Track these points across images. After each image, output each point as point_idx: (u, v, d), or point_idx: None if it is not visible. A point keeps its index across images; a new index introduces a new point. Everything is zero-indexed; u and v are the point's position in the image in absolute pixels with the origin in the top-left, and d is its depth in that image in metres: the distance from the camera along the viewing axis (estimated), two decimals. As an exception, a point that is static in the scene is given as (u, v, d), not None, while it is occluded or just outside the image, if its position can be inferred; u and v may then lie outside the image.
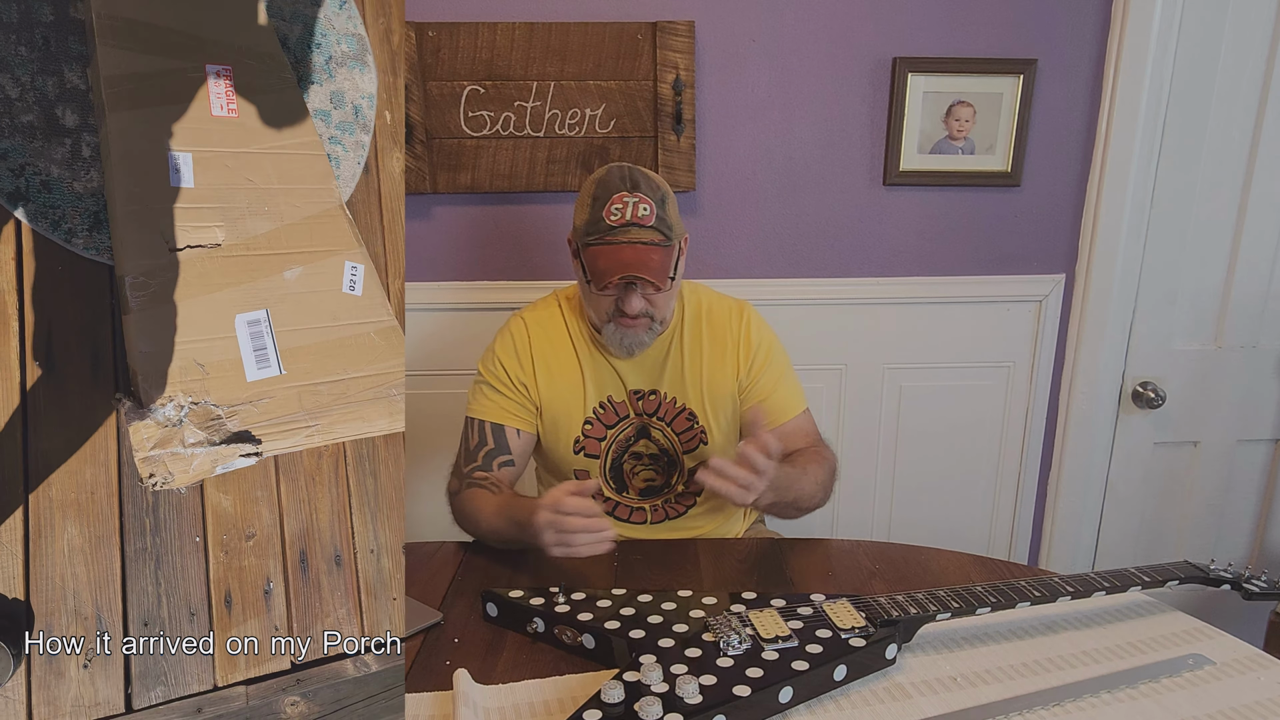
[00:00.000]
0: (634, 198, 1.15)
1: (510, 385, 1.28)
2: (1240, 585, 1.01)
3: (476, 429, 1.28)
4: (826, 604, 0.94)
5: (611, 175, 1.18)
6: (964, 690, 0.86)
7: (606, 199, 1.16)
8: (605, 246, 1.15)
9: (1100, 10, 1.59)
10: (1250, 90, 1.64)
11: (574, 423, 1.29)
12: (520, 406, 1.28)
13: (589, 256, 1.17)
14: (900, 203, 1.68)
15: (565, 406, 1.29)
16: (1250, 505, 1.93)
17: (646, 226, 1.15)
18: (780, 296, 1.68)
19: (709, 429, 1.29)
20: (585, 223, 1.17)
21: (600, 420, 1.29)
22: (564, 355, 1.29)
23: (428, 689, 0.88)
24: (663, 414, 1.30)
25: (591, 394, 1.29)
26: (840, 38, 1.58)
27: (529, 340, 1.29)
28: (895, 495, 1.86)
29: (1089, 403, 1.80)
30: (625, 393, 1.29)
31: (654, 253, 1.15)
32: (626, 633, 0.90)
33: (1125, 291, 1.74)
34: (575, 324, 1.31)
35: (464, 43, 1.52)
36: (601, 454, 1.30)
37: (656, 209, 1.16)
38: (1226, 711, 0.82)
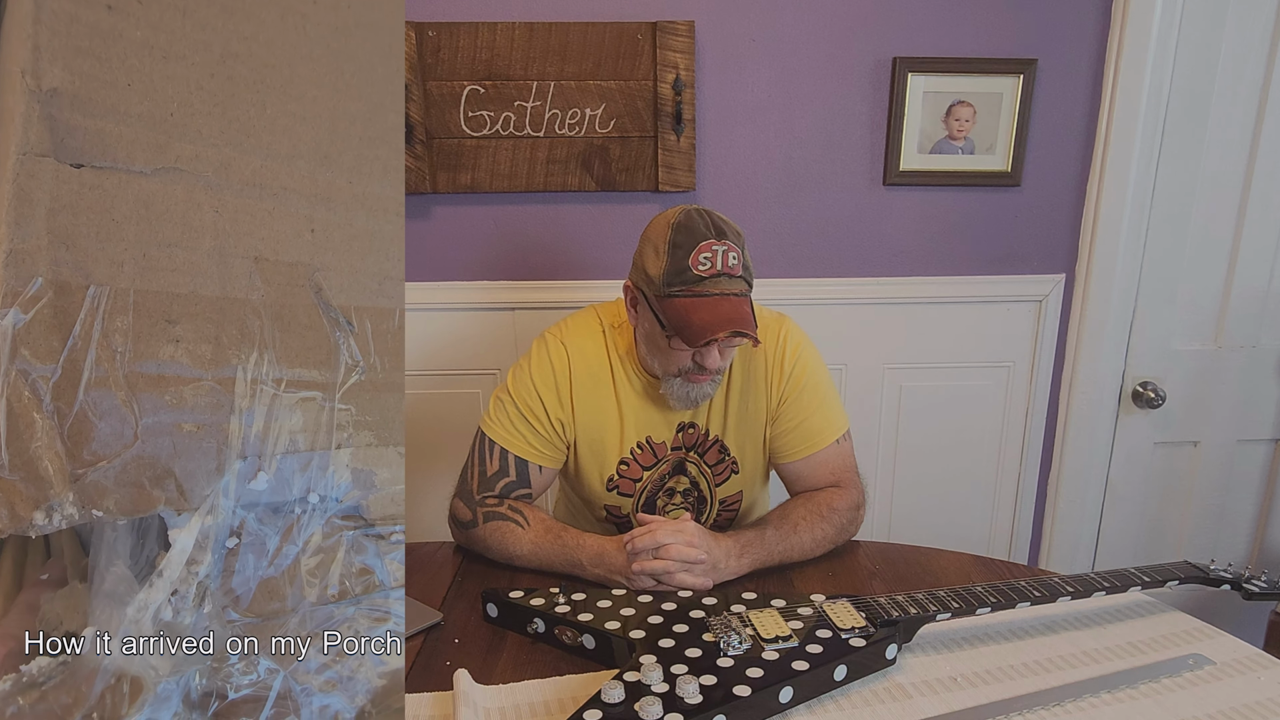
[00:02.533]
0: (722, 246, 1.06)
1: (545, 422, 1.19)
2: (1240, 585, 1.01)
3: (498, 456, 1.19)
4: (826, 604, 0.94)
5: (693, 221, 1.08)
6: (964, 690, 0.86)
7: (691, 247, 1.06)
8: (698, 300, 1.06)
9: (1100, 10, 1.59)
10: (1250, 90, 1.64)
11: (609, 461, 1.23)
12: (549, 444, 1.21)
13: (676, 309, 1.07)
14: (900, 203, 1.68)
15: (600, 445, 1.23)
16: (1250, 505, 1.93)
17: (736, 276, 1.07)
18: (780, 296, 1.68)
19: (739, 460, 1.25)
20: (666, 272, 1.07)
21: (637, 460, 1.24)
22: (604, 391, 1.22)
23: (428, 689, 0.88)
24: (700, 448, 1.25)
25: (630, 434, 1.22)
26: (840, 38, 1.58)
27: (570, 373, 1.20)
28: (895, 495, 1.86)
29: (1089, 403, 1.80)
30: (669, 430, 1.23)
31: (745, 305, 1.08)
32: (627, 633, 0.90)
33: (1125, 291, 1.74)
34: (620, 359, 1.22)
35: (464, 43, 1.52)
36: (636, 493, 1.26)
37: (742, 257, 1.08)
38: (1226, 711, 0.82)
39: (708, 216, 1.08)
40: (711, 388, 1.16)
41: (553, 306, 1.66)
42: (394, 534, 0.43)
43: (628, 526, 1.26)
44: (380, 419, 0.41)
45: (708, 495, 1.28)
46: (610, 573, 1.07)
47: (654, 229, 1.11)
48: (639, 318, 1.16)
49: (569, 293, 1.66)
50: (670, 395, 1.16)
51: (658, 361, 1.16)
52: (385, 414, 0.41)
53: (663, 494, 1.28)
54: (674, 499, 1.28)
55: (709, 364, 1.10)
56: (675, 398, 1.16)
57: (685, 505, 1.28)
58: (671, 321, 1.08)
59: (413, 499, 1.71)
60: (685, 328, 1.06)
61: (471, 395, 1.74)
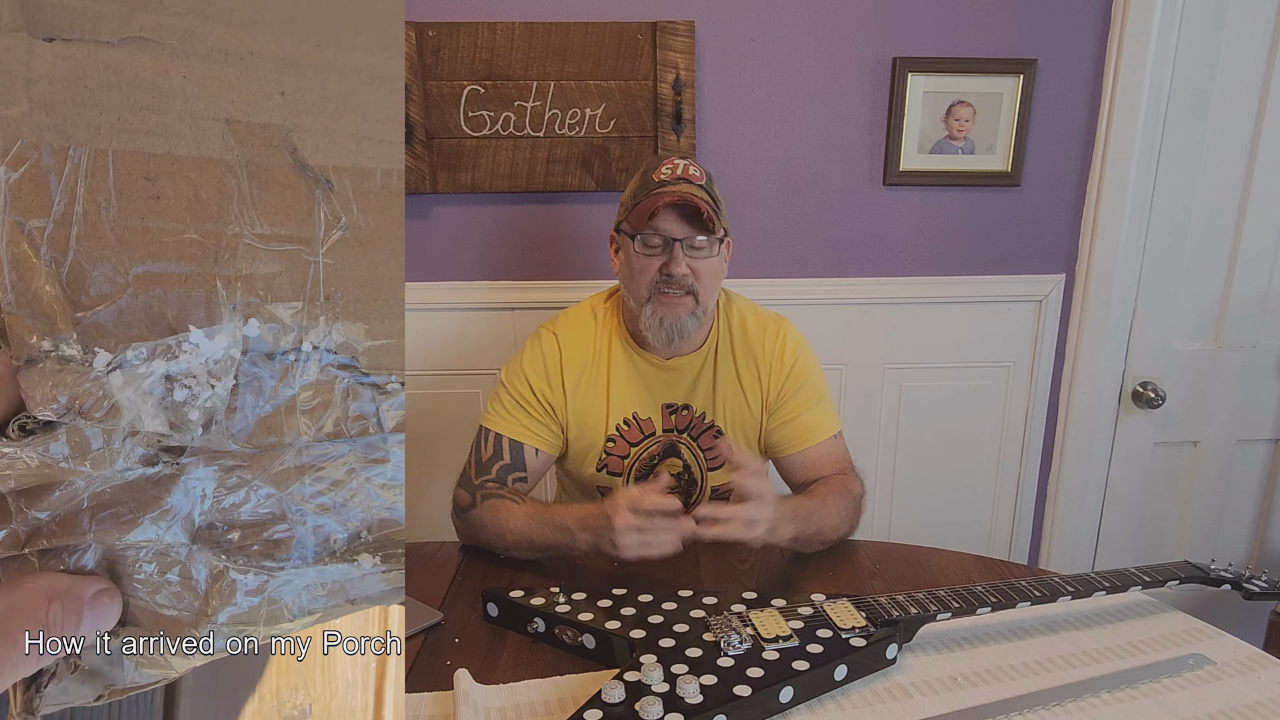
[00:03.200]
0: (684, 161, 1.17)
1: (536, 404, 1.23)
2: (1240, 585, 1.01)
3: (492, 442, 1.23)
4: (827, 604, 0.94)
5: (661, 155, 1.19)
6: (964, 690, 0.86)
7: (656, 165, 1.17)
8: (657, 195, 1.13)
9: (1100, 10, 1.59)
10: (1250, 90, 1.64)
11: (598, 439, 1.26)
12: (543, 426, 1.24)
13: (637, 213, 1.15)
14: (900, 203, 1.68)
15: (590, 427, 1.25)
16: (1250, 505, 1.93)
17: (698, 185, 1.15)
18: (780, 296, 1.68)
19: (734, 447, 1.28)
20: (634, 190, 1.18)
21: (624, 437, 1.26)
22: (593, 374, 1.25)
23: (428, 689, 0.88)
24: (693, 430, 1.27)
25: (616, 410, 1.25)
26: (840, 38, 1.58)
27: (560, 357, 1.24)
28: (895, 495, 1.86)
29: (1089, 403, 1.80)
30: (654, 408, 1.26)
31: (703, 205, 1.13)
32: (627, 633, 0.90)
33: (1125, 291, 1.75)
34: (608, 330, 1.27)
35: (464, 42, 1.52)
36: (625, 472, 1.27)
37: (706, 179, 1.17)
38: (1226, 711, 0.82)
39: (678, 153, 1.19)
40: (690, 320, 1.17)
41: (553, 306, 1.66)
42: (390, 384, 0.44)
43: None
44: (369, 274, 0.42)
45: (699, 479, 1.29)
46: (598, 536, 1.06)
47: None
48: (619, 255, 1.22)
49: (569, 293, 1.66)
50: (647, 329, 1.18)
51: (632, 288, 1.19)
52: (374, 269, 0.42)
53: (652, 476, 1.28)
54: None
55: (674, 269, 1.13)
56: (651, 328, 1.18)
57: (677, 491, 1.29)
58: (632, 224, 1.16)
59: (413, 499, 1.70)
60: (638, 220, 1.14)
61: (471, 395, 1.74)
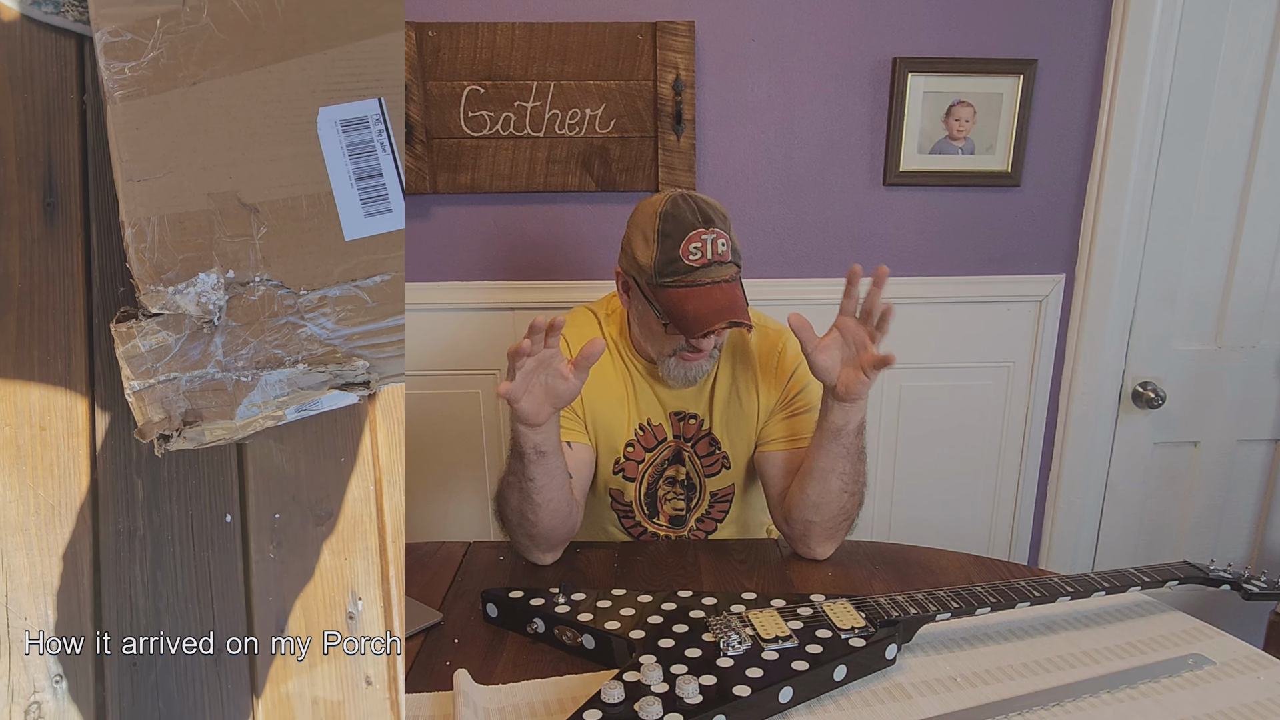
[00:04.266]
0: (711, 234, 1.08)
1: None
2: (1240, 585, 1.01)
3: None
4: (826, 604, 0.94)
5: (679, 209, 1.09)
6: (964, 690, 0.86)
7: (680, 237, 1.08)
8: (691, 290, 1.08)
9: (1100, 10, 1.59)
10: (1250, 90, 1.64)
11: (617, 442, 1.25)
12: (570, 419, 1.21)
13: (669, 299, 1.09)
14: (900, 203, 1.68)
15: (610, 425, 1.24)
16: (1250, 505, 1.93)
17: (726, 263, 1.09)
18: (780, 296, 1.68)
19: (731, 455, 1.27)
20: (657, 262, 1.09)
21: (640, 443, 1.26)
22: (608, 373, 1.24)
23: (428, 689, 0.88)
24: (694, 439, 1.27)
25: (633, 416, 1.25)
26: (840, 38, 1.58)
27: (571, 356, 1.23)
28: (895, 495, 1.86)
29: (1089, 403, 1.80)
30: (664, 415, 1.26)
31: (737, 289, 1.11)
32: (626, 633, 0.90)
33: (1125, 291, 1.74)
34: (616, 341, 1.26)
35: (464, 43, 1.52)
36: (638, 476, 1.27)
37: (730, 240, 1.10)
38: (1226, 711, 0.82)
39: (694, 202, 1.11)
40: (708, 364, 1.19)
41: (552, 306, 1.66)
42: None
43: (630, 512, 1.30)
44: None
45: (698, 485, 1.30)
46: (514, 425, 1.02)
47: (642, 216, 1.13)
48: (632, 302, 1.19)
49: (569, 293, 1.66)
50: (668, 375, 1.19)
51: (652, 344, 1.19)
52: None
53: (663, 482, 1.30)
54: (674, 487, 1.30)
55: (704, 346, 1.14)
56: (673, 377, 1.19)
57: (682, 497, 1.30)
58: (667, 311, 1.11)
59: (413, 499, 1.70)
60: (681, 318, 1.09)
61: (471, 395, 1.74)
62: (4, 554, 0.56)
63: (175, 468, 0.60)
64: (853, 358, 1.10)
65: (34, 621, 0.56)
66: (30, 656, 0.56)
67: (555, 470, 1.07)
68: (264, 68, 0.52)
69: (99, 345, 0.57)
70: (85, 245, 0.57)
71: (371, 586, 0.63)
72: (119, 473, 0.59)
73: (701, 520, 1.32)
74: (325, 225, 0.53)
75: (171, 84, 0.50)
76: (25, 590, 0.56)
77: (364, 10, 0.54)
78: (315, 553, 0.62)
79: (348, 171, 0.54)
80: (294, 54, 0.52)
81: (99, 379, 0.58)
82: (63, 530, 0.57)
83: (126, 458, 0.59)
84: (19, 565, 0.56)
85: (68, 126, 0.56)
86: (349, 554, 0.62)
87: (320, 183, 0.53)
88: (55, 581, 0.57)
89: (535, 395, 1.00)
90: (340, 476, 0.62)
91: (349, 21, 0.54)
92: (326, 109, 0.52)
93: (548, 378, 1.00)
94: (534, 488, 1.06)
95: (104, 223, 0.57)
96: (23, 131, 0.55)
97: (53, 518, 0.57)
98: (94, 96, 0.56)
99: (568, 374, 1.00)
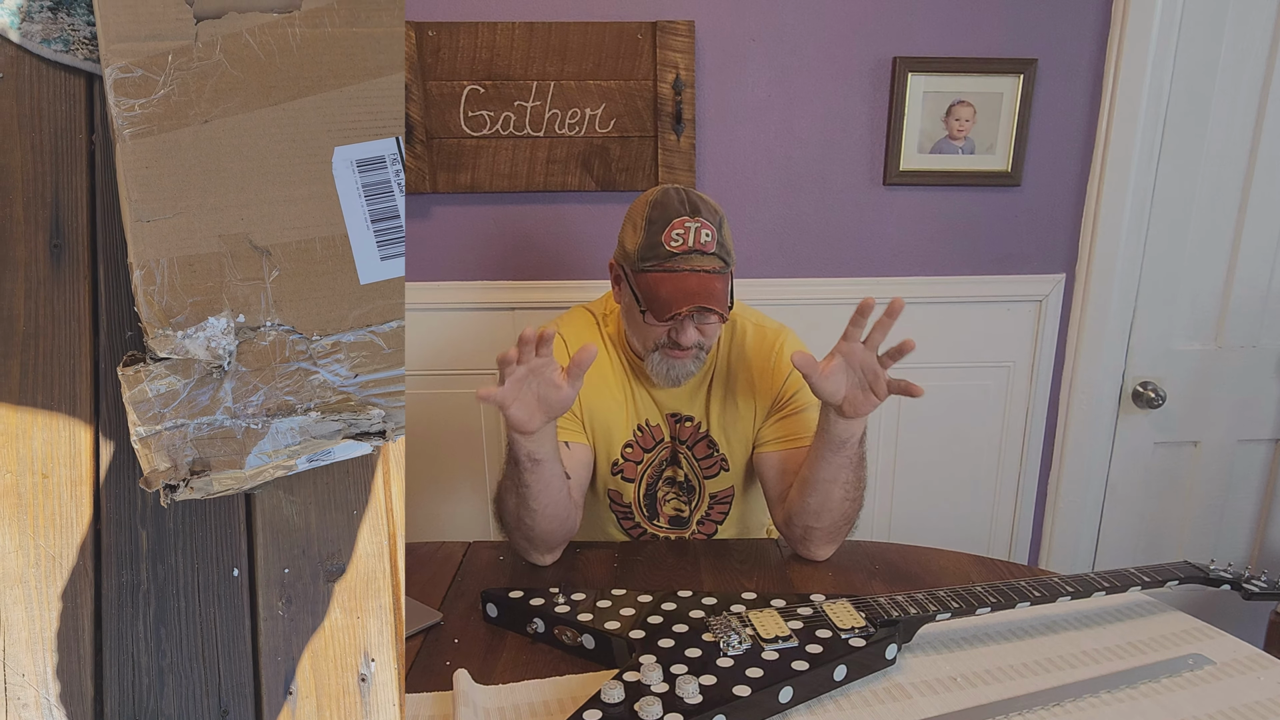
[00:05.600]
0: (695, 223, 1.08)
1: None
2: (1240, 585, 1.01)
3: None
4: (826, 604, 0.94)
5: (669, 198, 1.10)
6: (964, 690, 0.86)
7: (665, 223, 1.08)
8: (668, 274, 1.08)
9: (1100, 10, 1.59)
10: (1250, 90, 1.64)
11: (615, 443, 1.25)
12: (566, 419, 1.20)
13: (647, 283, 1.10)
14: (900, 203, 1.68)
15: (607, 426, 1.24)
16: (1250, 505, 1.93)
17: (708, 253, 1.09)
18: (780, 296, 1.68)
19: (729, 457, 1.27)
20: (641, 247, 1.10)
21: (639, 444, 1.26)
22: (606, 373, 1.24)
23: (428, 689, 0.88)
24: (690, 441, 1.26)
25: (631, 415, 1.25)
26: (840, 38, 1.58)
27: (568, 356, 1.21)
28: (895, 495, 1.86)
29: (1089, 403, 1.80)
30: (660, 416, 1.26)
31: (717, 281, 1.10)
32: (626, 633, 0.90)
33: (1125, 291, 1.74)
34: (614, 341, 1.26)
35: (464, 42, 1.52)
36: (637, 478, 1.27)
37: (717, 234, 1.10)
38: (1226, 711, 0.82)
39: (685, 194, 1.11)
40: (694, 365, 1.17)
41: (553, 306, 1.66)
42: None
43: (630, 514, 1.30)
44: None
45: (697, 486, 1.29)
46: (509, 433, 1.02)
47: (635, 206, 1.15)
48: (621, 294, 1.19)
49: (569, 293, 1.66)
50: (653, 372, 1.18)
51: (636, 337, 1.18)
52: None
53: (662, 483, 1.29)
54: (674, 489, 1.30)
55: (682, 340, 1.12)
56: (657, 374, 1.17)
57: (682, 499, 1.30)
58: (643, 295, 1.11)
59: (413, 499, 1.71)
60: (653, 301, 1.09)
61: (471, 395, 1.72)
62: (2, 607, 0.55)
63: (181, 519, 0.58)
64: (859, 381, 1.08)
65: (32, 678, 0.55)
66: (28, 714, 0.55)
67: (551, 476, 1.06)
68: (278, 105, 0.51)
69: (105, 391, 0.57)
70: (93, 288, 0.56)
71: (385, 648, 0.61)
72: (123, 523, 0.58)
73: (701, 521, 1.32)
74: (340, 268, 0.53)
75: (183, 122, 0.49)
76: (23, 645, 0.55)
77: (381, 47, 0.53)
78: (326, 610, 0.60)
79: (364, 213, 0.53)
80: (310, 91, 0.52)
81: (104, 425, 0.57)
82: (63, 583, 0.56)
83: (131, 508, 0.58)
84: (17, 619, 0.55)
85: (76, 167, 0.56)
86: (361, 612, 0.61)
87: (335, 224, 0.52)
88: (54, 637, 0.56)
89: (526, 403, 0.99)
90: (352, 529, 0.60)
91: (366, 58, 0.53)
92: (342, 149, 0.52)
93: (539, 386, 0.99)
94: (530, 494, 1.06)
95: (112, 265, 0.57)
96: (30, 171, 0.55)
97: (54, 569, 0.56)
98: (103, 136, 0.56)
99: (560, 382, 0.99)
